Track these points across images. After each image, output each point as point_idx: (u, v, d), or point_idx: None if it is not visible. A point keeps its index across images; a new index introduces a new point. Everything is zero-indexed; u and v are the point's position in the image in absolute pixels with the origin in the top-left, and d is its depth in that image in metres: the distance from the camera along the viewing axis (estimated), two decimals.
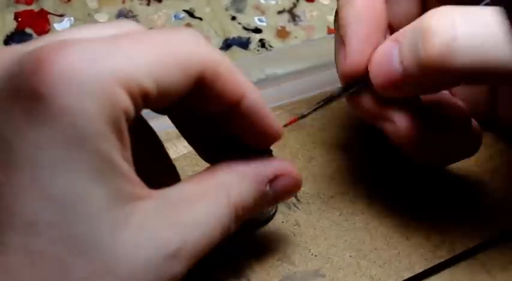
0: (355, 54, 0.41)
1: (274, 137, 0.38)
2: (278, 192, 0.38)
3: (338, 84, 0.55)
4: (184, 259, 0.32)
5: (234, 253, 0.43)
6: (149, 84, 0.30)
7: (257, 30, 0.61)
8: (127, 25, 0.34)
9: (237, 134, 0.38)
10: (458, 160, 0.45)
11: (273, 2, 0.63)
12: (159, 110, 0.37)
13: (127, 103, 0.30)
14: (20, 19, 0.59)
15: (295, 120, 0.44)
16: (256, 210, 0.37)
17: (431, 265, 0.44)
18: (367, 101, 0.42)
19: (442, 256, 0.44)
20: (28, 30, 0.59)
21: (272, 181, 0.38)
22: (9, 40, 0.58)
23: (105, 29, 0.33)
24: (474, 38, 0.35)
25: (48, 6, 0.61)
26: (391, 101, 0.41)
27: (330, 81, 0.56)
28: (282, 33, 0.61)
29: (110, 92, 0.29)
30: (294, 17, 0.63)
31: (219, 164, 0.37)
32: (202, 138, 0.40)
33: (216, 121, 0.37)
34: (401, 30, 0.39)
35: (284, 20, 0.62)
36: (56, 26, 0.59)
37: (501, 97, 0.48)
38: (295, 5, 0.64)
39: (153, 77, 0.30)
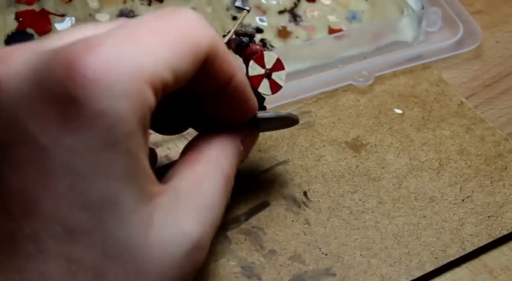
0: None
1: (253, 112, 0.39)
2: (246, 147, 0.40)
3: (340, 84, 0.55)
4: (205, 246, 0.33)
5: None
6: (168, 76, 0.30)
7: (258, 30, 0.61)
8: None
9: (216, 110, 0.38)
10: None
11: (274, 2, 0.63)
12: None
13: (152, 100, 0.30)
14: (21, 19, 0.59)
15: None
16: (237, 168, 0.39)
17: (442, 263, 0.44)
18: None
19: (453, 254, 0.44)
20: (29, 30, 0.58)
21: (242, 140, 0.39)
22: (10, 40, 0.57)
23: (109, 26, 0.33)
24: None
25: (49, 6, 0.60)
26: None
27: (331, 81, 0.56)
28: (283, 33, 0.61)
29: (139, 91, 0.29)
30: (295, 17, 0.62)
31: (202, 141, 0.38)
32: (173, 117, 0.41)
33: (200, 100, 0.37)
34: None
35: (285, 20, 0.62)
36: (57, 26, 0.59)
37: None
38: (296, 5, 0.63)
39: (171, 68, 0.30)
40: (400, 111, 0.53)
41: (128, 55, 0.29)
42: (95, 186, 0.28)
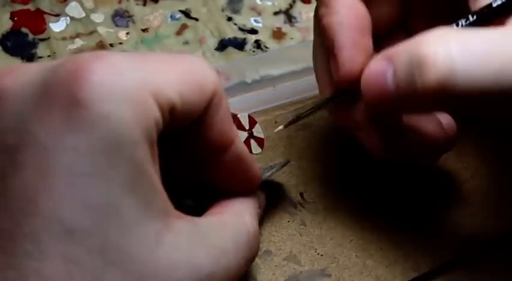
0: (348, 63, 0.40)
1: (258, 180, 0.40)
2: (261, 208, 0.41)
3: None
4: None
5: None
6: (176, 98, 0.31)
7: (253, 31, 0.61)
8: None
9: (220, 182, 0.38)
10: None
11: (269, 3, 0.63)
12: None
13: (158, 114, 0.30)
14: (16, 18, 0.59)
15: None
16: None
17: (438, 265, 0.44)
18: (352, 112, 0.42)
19: (448, 256, 0.44)
20: (24, 29, 0.58)
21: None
22: (4, 40, 0.57)
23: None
24: (472, 70, 0.33)
25: (44, 5, 0.60)
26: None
27: None
28: (278, 35, 0.61)
29: (144, 101, 0.29)
30: (290, 18, 0.62)
31: (227, 199, 0.39)
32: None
33: (200, 167, 0.38)
34: (395, 49, 0.36)
35: (280, 21, 0.62)
36: (52, 25, 0.59)
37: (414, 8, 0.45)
38: (291, 6, 0.63)
39: (178, 92, 0.31)
40: None
41: (135, 68, 0.30)
42: (96, 188, 0.28)
